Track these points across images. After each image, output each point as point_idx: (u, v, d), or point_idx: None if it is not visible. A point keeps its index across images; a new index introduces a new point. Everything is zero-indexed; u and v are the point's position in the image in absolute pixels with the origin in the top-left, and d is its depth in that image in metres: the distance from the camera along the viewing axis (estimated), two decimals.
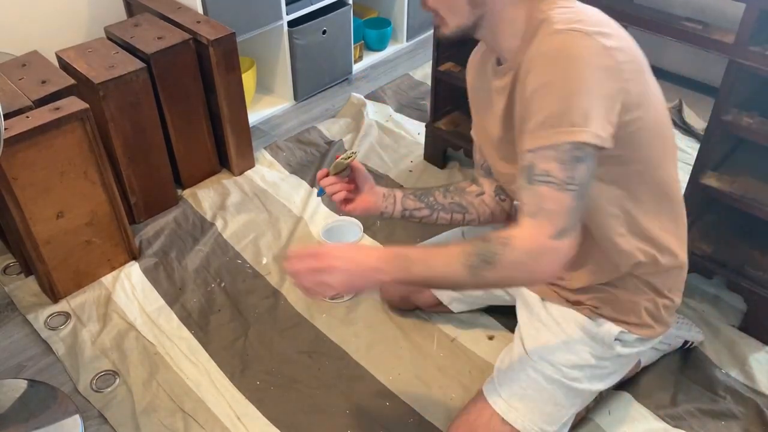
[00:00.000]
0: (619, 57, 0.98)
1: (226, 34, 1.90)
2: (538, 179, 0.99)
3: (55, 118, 1.52)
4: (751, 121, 1.46)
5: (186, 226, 1.97)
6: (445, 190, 1.43)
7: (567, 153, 0.97)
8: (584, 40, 0.96)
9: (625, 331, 1.25)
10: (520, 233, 1.00)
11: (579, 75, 0.95)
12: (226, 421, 1.45)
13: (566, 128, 0.96)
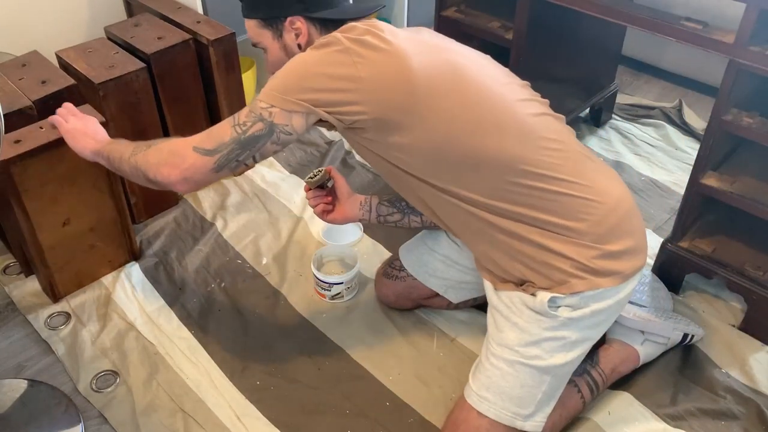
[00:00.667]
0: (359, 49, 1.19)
1: (226, 34, 1.90)
2: (233, 117, 1.25)
3: None
4: (751, 121, 1.46)
5: (186, 226, 1.97)
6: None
7: (258, 108, 1.22)
8: (323, 42, 1.21)
9: (560, 294, 1.24)
10: (182, 138, 1.30)
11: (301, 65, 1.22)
12: (226, 421, 1.45)
13: (267, 92, 1.23)
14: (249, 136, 1.20)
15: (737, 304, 1.68)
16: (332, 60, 1.17)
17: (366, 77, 1.16)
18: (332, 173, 1.52)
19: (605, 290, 1.26)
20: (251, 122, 1.20)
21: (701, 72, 2.46)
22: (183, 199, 2.06)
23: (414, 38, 1.25)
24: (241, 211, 2.02)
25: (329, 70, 1.17)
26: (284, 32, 1.30)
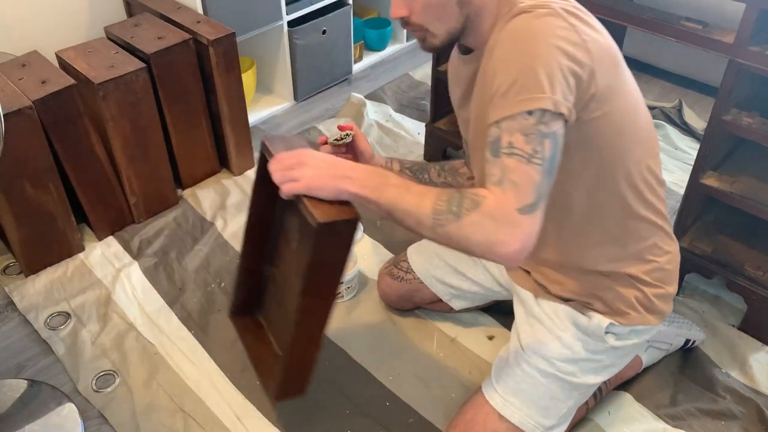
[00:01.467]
0: (585, 36, 1.00)
1: (226, 34, 1.90)
2: (504, 151, 0.98)
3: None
4: (751, 121, 1.46)
5: (186, 226, 1.97)
6: (441, 169, 1.47)
7: (532, 126, 0.97)
8: (549, 16, 0.98)
9: (616, 323, 1.26)
10: (489, 196, 0.99)
11: (541, 46, 0.97)
12: (226, 421, 1.45)
13: (526, 96, 0.96)
14: (550, 161, 0.99)
15: (737, 304, 1.68)
16: (569, 43, 0.99)
17: (593, 51, 1.02)
18: (355, 131, 1.40)
19: (649, 328, 1.29)
20: (539, 144, 0.98)
21: (701, 72, 2.46)
22: (183, 199, 2.06)
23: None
24: (241, 211, 2.02)
25: (568, 52, 0.98)
26: None
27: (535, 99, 0.96)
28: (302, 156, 1.07)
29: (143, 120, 1.84)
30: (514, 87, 0.97)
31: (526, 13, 0.99)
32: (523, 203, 0.97)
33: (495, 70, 1.00)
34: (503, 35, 1.01)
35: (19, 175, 1.65)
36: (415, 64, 2.79)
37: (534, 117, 0.96)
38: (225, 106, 2.00)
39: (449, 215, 0.99)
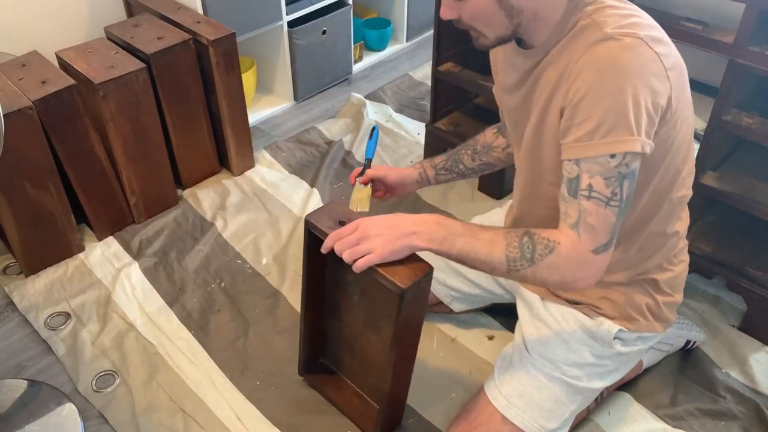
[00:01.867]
0: (667, 63, 0.98)
1: (226, 34, 1.90)
2: (582, 193, 1.00)
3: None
4: (751, 121, 1.46)
5: (186, 226, 1.96)
6: (474, 152, 1.46)
7: (613, 169, 0.98)
8: (636, 47, 0.96)
9: (624, 329, 1.26)
10: (564, 241, 1.02)
11: (631, 84, 0.95)
12: (226, 421, 1.45)
13: (614, 138, 0.96)
14: (626, 201, 1.01)
15: (737, 304, 1.68)
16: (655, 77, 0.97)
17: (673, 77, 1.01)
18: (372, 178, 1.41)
19: (654, 335, 1.29)
20: (618, 185, 0.99)
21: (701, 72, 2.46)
22: (183, 199, 2.06)
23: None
24: (241, 211, 2.02)
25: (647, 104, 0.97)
26: None
27: (623, 142, 0.97)
28: (362, 228, 1.09)
29: (143, 120, 1.84)
30: (601, 128, 0.97)
31: (615, 41, 0.97)
32: (598, 244, 1.02)
33: (579, 99, 0.99)
34: (590, 61, 0.98)
35: (19, 175, 1.65)
36: (415, 64, 2.79)
37: (616, 159, 0.97)
38: (225, 106, 2.00)
39: (523, 261, 1.04)
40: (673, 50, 1.02)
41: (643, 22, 1.00)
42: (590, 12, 1.02)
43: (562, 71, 1.04)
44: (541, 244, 1.03)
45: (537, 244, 1.03)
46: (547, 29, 1.06)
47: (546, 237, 1.03)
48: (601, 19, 1.00)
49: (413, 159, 2.24)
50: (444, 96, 2.12)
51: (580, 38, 1.02)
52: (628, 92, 0.95)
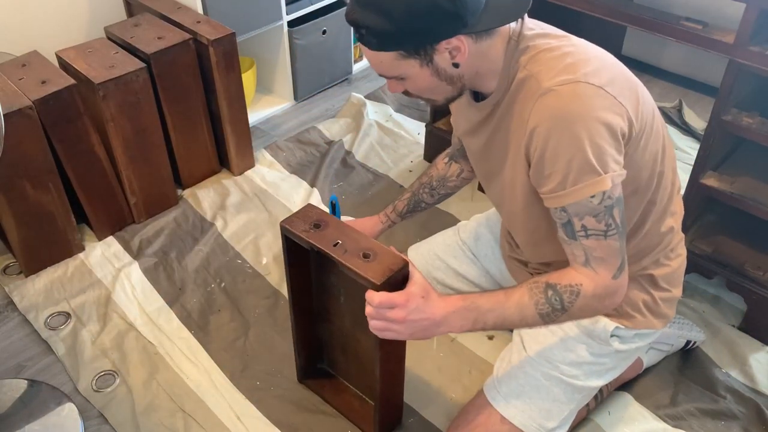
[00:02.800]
0: (613, 90, 1.01)
1: (226, 34, 1.90)
2: (580, 234, 1.05)
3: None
4: (751, 121, 1.46)
5: (186, 226, 1.96)
6: (431, 189, 1.50)
7: (598, 206, 1.02)
8: (577, 91, 0.99)
9: (621, 327, 1.26)
10: (585, 281, 1.07)
11: (584, 129, 0.98)
12: (226, 421, 1.45)
13: (584, 183, 1.00)
14: (622, 224, 1.06)
15: (737, 304, 1.68)
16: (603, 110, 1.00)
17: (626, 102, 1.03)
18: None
19: (652, 332, 1.30)
20: (609, 217, 1.04)
21: (701, 72, 2.46)
22: (183, 199, 2.06)
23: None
24: (241, 211, 2.02)
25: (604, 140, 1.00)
26: (435, 54, 1.02)
27: (593, 184, 1.00)
28: (398, 312, 1.08)
29: (143, 120, 1.84)
30: (569, 177, 1.01)
31: (555, 93, 1.00)
32: (614, 270, 1.07)
33: (540, 156, 1.03)
34: (539, 119, 1.01)
35: (19, 175, 1.65)
36: None
37: (597, 198, 1.01)
38: (225, 106, 2.00)
39: (556, 312, 1.09)
40: (614, 71, 1.05)
41: (577, 58, 1.03)
42: (525, 62, 1.05)
43: (516, 128, 1.08)
44: (566, 293, 1.08)
45: (562, 294, 1.08)
46: (493, 79, 1.09)
47: (568, 284, 1.08)
48: (536, 70, 1.03)
49: (413, 159, 2.24)
50: None
51: (522, 93, 1.05)
52: (583, 138, 0.98)
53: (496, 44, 1.05)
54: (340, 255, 1.16)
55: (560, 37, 1.08)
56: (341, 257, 1.16)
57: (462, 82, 1.08)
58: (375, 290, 1.09)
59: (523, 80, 1.05)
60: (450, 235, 1.58)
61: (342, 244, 1.18)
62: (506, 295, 1.10)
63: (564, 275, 1.08)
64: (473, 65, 1.06)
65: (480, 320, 1.09)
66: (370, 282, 1.11)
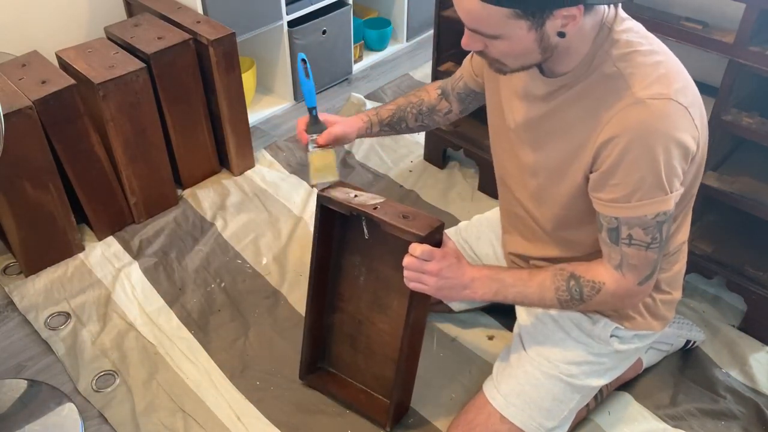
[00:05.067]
0: (694, 112, 1.01)
1: (226, 34, 1.90)
2: (623, 241, 1.07)
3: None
4: (751, 121, 1.46)
5: (186, 226, 1.96)
6: (419, 113, 1.45)
7: (651, 220, 1.04)
8: (666, 108, 0.98)
9: (621, 327, 1.26)
10: (609, 281, 1.11)
11: (664, 150, 0.99)
12: (226, 421, 1.45)
13: (649, 200, 1.02)
14: (665, 240, 1.09)
15: (737, 304, 1.68)
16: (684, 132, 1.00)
17: (700, 125, 1.04)
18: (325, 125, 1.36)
19: (652, 333, 1.30)
20: (657, 231, 1.05)
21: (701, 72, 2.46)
22: (183, 199, 2.06)
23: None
24: (241, 211, 2.02)
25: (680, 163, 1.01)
26: (549, 20, 0.96)
27: (658, 203, 1.02)
28: (432, 265, 1.15)
29: (143, 120, 1.84)
30: (637, 193, 1.02)
31: (645, 107, 0.98)
32: (642, 278, 1.10)
33: (612, 164, 1.02)
34: (622, 129, 0.99)
35: (19, 175, 1.65)
36: (415, 64, 2.79)
37: (653, 214, 1.03)
38: (225, 106, 2.00)
39: (574, 301, 1.14)
40: (695, 90, 1.04)
41: (669, 69, 1.02)
42: (617, 58, 1.02)
43: (586, 119, 1.05)
44: (587, 287, 1.12)
45: (584, 287, 1.12)
46: (573, 62, 1.05)
47: (591, 279, 1.11)
48: (629, 72, 1.01)
49: (413, 158, 2.24)
50: None
51: (606, 88, 1.02)
52: (660, 158, 0.99)
53: (591, 25, 1.02)
54: (382, 215, 1.23)
55: (649, 38, 1.06)
56: (384, 217, 1.22)
57: (552, 52, 1.02)
58: (419, 242, 1.16)
59: (611, 76, 1.02)
60: (452, 234, 1.58)
61: (381, 208, 1.25)
62: (530, 275, 1.17)
63: (590, 269, 1.12)
64: (571, 39, 1.00)
65: (501, 292, 1.17)
66: (414, 235, 1.17)
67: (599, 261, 1.13)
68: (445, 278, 1.16)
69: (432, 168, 2.20)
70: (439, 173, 2.18)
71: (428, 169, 2.19)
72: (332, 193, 1.29)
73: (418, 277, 1.17)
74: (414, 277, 1.17)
